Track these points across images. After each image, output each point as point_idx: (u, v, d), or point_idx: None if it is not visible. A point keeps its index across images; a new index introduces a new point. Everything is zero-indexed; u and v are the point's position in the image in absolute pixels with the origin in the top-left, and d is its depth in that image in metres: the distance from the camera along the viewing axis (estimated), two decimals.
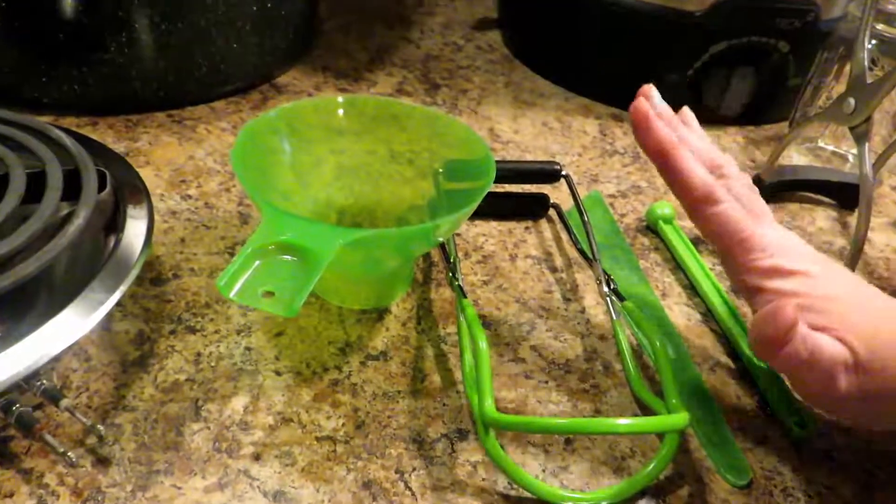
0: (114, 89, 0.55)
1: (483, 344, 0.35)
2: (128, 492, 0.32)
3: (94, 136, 0.49)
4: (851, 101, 0.45)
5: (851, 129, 0.46)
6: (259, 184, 0.41)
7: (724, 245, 0.36)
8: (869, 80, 0.45)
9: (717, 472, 0.36)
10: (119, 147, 0.53)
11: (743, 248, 0.35)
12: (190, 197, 0.49)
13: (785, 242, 0.36)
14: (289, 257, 0.33)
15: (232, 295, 0.31)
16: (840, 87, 0.55)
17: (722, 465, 0.36)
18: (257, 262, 0.32)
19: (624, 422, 0.33)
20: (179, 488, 0.32)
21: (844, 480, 0.36)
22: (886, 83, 0.43)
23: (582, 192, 0.55)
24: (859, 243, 0.45)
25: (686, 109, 0.43)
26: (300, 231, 0.34)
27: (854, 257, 0.45)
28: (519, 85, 0.70)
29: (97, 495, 0.31)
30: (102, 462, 0.33)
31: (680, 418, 0.33)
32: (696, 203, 0.37)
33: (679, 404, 0.35)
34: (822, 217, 0.57)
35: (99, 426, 0.32)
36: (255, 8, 0.58)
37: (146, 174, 0.51)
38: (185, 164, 0.52)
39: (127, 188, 0.41)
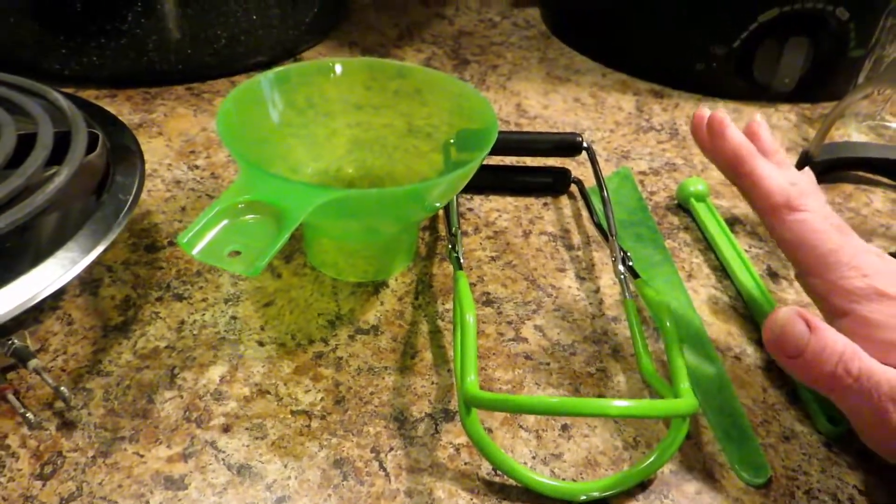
0: (131, 61, 0.54)
1: (470, 317, 0.33)
2: (89, 457, 0.30)
3: (110, 108, 0.49)
4: None
5: None
6: (259, 151, 0.40)
7: (808, 259, 0.33)
8: None
9: (731, 468, 0.32)
10: (134, 118, 0.52)
11: (829, 262, 0.32)
12: (197, 167, 0.48)
13: (882, 266, 0.31)
14: (259, 216, 0.31)
15: (195, 253, 0.29)
16: None
17: (737, 461, 0.32)
18: (225, 221, 0.30)
19: (619, 403, 0.29)
20: (142, 456, 0.31)
21: (880, 484, 0.32)
22: None
23: (611, 169, 0.52)
24: None
25: (756, 122, 0.38)
26: (274, 189, 0.32)
27: None
28: (554, 61, 0.66)
29: (57, 459, 0.30)
30: (67, 426, 0.31)
31: (686, 403, 0.30)
32: (775, 209, 0.33)
33: (688, 389, 0.31)
34: (881, 199, 0.51)
35: (63, 389, 0.31)
36: None
37: (157, 144, 0.50)
38: (197, 136, 0.52)
39: (121, 152, 0.40)
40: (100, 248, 0.34)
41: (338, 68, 0.44)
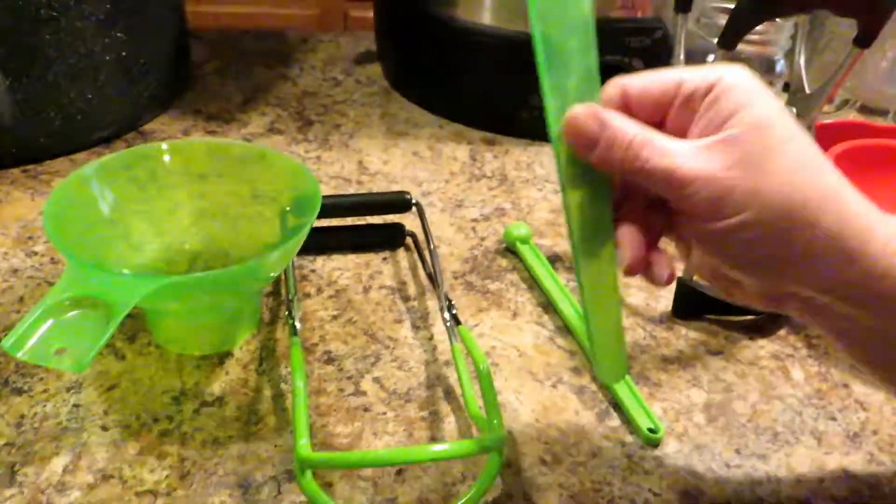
0: None
1: (300, 383, 0.35)
2: None
3: None
4: None
5: None
6: (98, 233, 0.41)
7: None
8: None
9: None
10: None
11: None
12: (35, 253, 0.49)
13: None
14: (87, 310, 0.33)
15: (20, 355, 0.30)
16: None
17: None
18: (51, 321, 0.32)
19: (438, 448, 0.33)
20: None
21: (672, 486, 0.37)
22: None
23: (446, 219, 0.56)
24: None
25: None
26: (97, 283, 0.33)
27: None
28: (394, 116, 0.71)
29: None
30: None
31: (495, 437, 0.34)
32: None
33: (500, 424, 0.35)
34: None
35: None
36: (108, 58, 0.58)
37: None
38: (35, 220, 0.52)
39: None
40: None
41: (166, 158, 0.46)
